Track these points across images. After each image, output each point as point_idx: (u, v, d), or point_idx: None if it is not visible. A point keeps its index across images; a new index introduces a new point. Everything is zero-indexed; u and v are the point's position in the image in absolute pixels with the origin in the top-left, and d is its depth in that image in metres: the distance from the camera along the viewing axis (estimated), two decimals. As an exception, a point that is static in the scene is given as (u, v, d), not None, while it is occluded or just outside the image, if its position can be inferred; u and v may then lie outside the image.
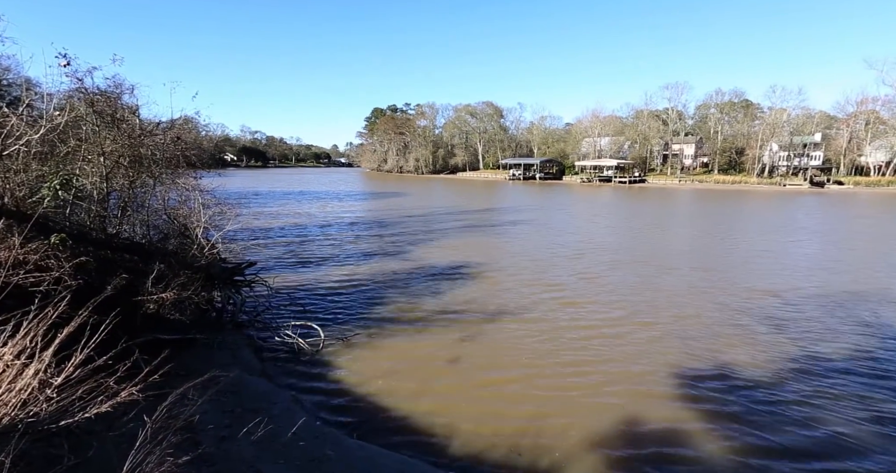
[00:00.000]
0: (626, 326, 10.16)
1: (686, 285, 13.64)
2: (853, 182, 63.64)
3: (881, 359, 8.44)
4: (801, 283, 13.81)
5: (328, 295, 12.37)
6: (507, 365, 8.24)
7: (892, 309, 11.30)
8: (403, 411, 6.63)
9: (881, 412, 6.67)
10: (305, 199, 42.27)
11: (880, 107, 67.60)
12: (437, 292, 12.71)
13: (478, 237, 22.41)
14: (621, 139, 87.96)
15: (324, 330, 9.18)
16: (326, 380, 7.52)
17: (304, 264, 16.06)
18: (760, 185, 67.46)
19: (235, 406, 5.73)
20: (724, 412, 6.66)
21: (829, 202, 44.48)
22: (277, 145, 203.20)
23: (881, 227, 27.59)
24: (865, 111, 68.02)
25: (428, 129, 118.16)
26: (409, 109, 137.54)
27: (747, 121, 78.71)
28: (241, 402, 5.91)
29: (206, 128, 53.07)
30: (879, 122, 66.87)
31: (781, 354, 8.64)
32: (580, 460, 5.59)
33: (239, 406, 5.76)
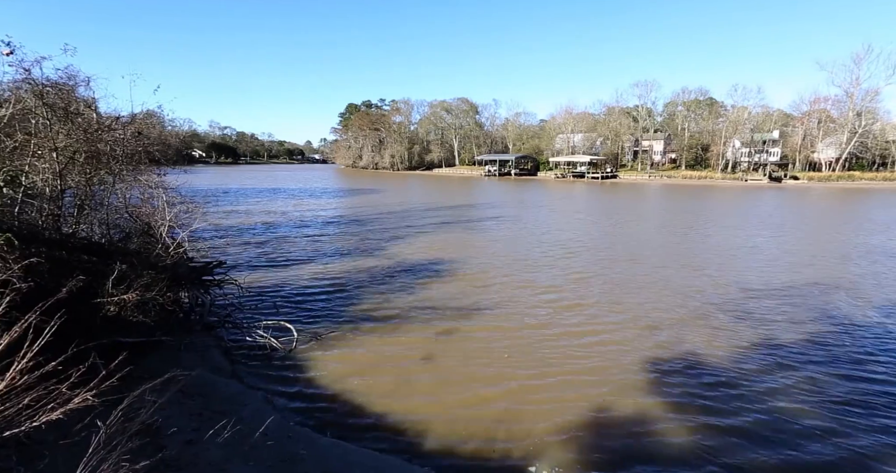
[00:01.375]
0: (599, 319, 10.42)
1: (659, 278, 14.08)
2: (807, 177, 67.18)
3: (831, 344, 8.97)
4: (764, 275, 14.50)
5: (302, 294, 12.16)
6: (482, 360, 8.32)
7: (843, 296, 12.01)
8: (378, 408, 6.61)
9: (829, 395, 7.09)
10: (279, 197, 41.28)
11: (830, 106, 71.61)
12: (413, 289, 12.69)
13: (454, 233, 22.47)
14: (594, 135, 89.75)
15: (297, 329, 9.03)
16: (300, 380, 7.41)
17: (278, 263, 15.72)
18: (724, 180, 70.29)
19: (203, 409, 5.56)
20: (690, 399, 6.94)
21: (786, 196, 46.79)
22: (249, 141, 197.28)
23: (832, 220, 29.24)
24: (818, 110, 71.83)
25: (403, 125, 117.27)
26: (384, 105, 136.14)
27: (712, 119, 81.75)
28: (209, 405, 5.75)
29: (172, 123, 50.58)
30: (830, 121, 70.81)
31: (745, 343, 9.05)
32: (552, 450, 5.72)
33: (207, 408, 5.60)
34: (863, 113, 67.37)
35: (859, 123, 66.84)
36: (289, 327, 9.06)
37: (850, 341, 9.13)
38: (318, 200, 38.82)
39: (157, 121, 21.86)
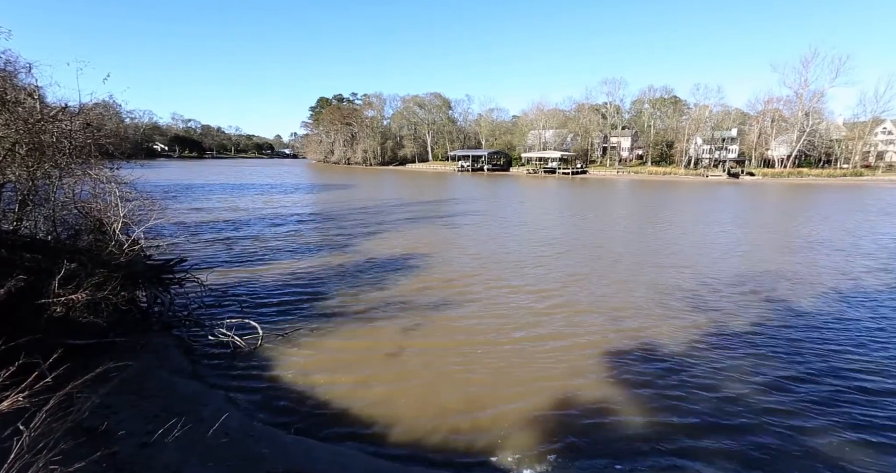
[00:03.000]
0: (564, 310, 10.69)
1: (623, 269, 14.56)
2: (762, 173, 70.83)
3: (774, 330, 9.56)
4: (719, 266, 15.25)
5: (269, 291, 11.91)
6: (449, 352, 8.41)
7: (786, 285, 12.79)
8: (344, 404, 6.59)
9: (770, 377, 7.57)
10: (247, 193, 40.02)
11: (782, 106, 75.71)
12: (383, 284, 12.64)
13: (426, 229, 22.47)
14: (564, 132, 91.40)
15: (263, 327, 8.86)
16: (264, 378, 7.28)
17: (244, 259, 15.29)
18: (687, 176, 73.14)
19: (161, 411, 5.39)
20: (646, 385, 7.25)
21: (743, 192, 49.21)
22: (214, 135, 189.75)
23: (781, 214, 31.02)
24: (771, 109, 75.78)
25: (376, 120, 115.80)
26: (357, 99, 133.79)
27: (676, 117, 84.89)
28: (167, 406, 5.57)
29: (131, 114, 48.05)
30: (782, 120, 74.86)
31: (699, 331, 9.51)
32: (515, 439, 5.87)
33: (164, 410, 5.43)
34: (810, 113, 71.53)
35: (807, 123, 71.02)
36: (254, 325, 8.87)
37: (790, 326, 9.74)
38: (289, 196, 37.90)
39: (114, 113, 20.73)
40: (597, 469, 5.29)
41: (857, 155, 72.23)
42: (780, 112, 75.46)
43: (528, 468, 5.31)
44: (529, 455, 5.52)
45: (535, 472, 5.23)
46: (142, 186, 11.72)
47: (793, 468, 5.32)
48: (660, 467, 5.32)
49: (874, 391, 7.05)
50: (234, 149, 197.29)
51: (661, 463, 5.39)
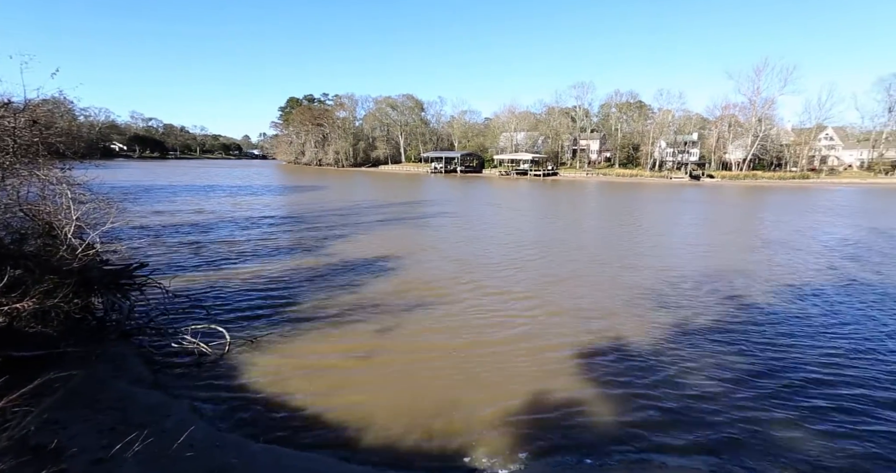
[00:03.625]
0: (536, 311, 10.85)
1: (585, 267, 14.92)
2: (720, 175, 74.46)
3: (733, 325, 10.03)
4: (681, 264, 15.87)
5: (238, 296, 11.51)
6: (422, 354, 8.38)
7: (744, 283, 13.45)
8: (316, 410, 6.44)
9: (730, 371, 7.94)
10: (214, 195, 38.59)
11: (738, 112, 79.95)
12: (356, 286, 12.47)
13: (399, 231, 22.33)
14: (535, 134, 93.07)
15: (231, 332, 8.56)
16: (232, 385, 7.02)
17: (211, 264, 14.72)
18: (652, 178, 75.92)
19: (118, 424, 5.10)
20: (615, 382, 7.45)
21: (704, 193, 51.52)
22: (178, 134, 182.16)
23: (738, 214, 32.66)
24: (728, 115, 79.99)
25: (348, 121, 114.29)
26: (328, 100, 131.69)
27: (641, 121, 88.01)
28: (125, 419, 5.28)
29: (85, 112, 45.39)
30: (738, 125, 79.05)
31: (663, 328, 9.86)
32: (489, 439, 5.90)
33: (122, 423, 5.14)
34: (763, 119, 75.83)
35: (760, 128, 75.23)
36: (221, 331, 8.56)
37: (748, 322, 10.24)
38: (259, 198, 36.82)
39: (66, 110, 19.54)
40: (568, 465, 5.39)
41: (803, 159, 77.04)
42: (735, 118, 79.71)
43: (502, 467, 5.34)
44: (503, 454, 5.56)
45: (508, 472, 5.27)
46: (97, 188, 11.10)
47: (751, 456, 5.58)
48: (628, 461, 5.47)
49: (827, 381, 7.49)
50: (200, 150, 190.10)
51: (630, 457, 5.54)
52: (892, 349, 8.76)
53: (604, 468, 5.33)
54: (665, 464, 5.41)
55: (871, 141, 78.61)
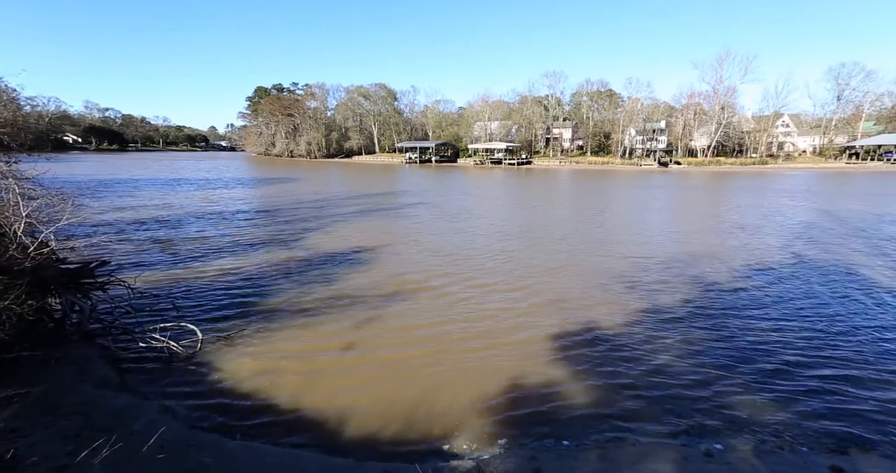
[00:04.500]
0: (513, 297, 10.98)
1: (563, 255, 15.19)
2: (687, 162, 76.93)
3: (704, 307, 10.44)
4: (653, 249, 16.36)
5: (209, 292, 11.15)
6: (400, 344, 8.36)
7: (709, 264, 14.00)
8: (294, 404, 6.35)
9: (697, 348, 8.28)
10: (180, 188, 37.02)
11: (702, 100, 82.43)
12: (332, 279, 12.28)
13: (375, 221, 22.08)
14: (509, 123, 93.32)
15: (202, 330, 8.29)
16: (205, 383, 6.82)
17: (180, 260, 14.17)
18: (623, 165, 77.63)
19: (83, 429, 4.87)
20: (590, 364, 7.65)
21: (671, 179, 53.11)
22: (138, 125, 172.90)
23: (705, 200, 33.88)
24: (693, 104, 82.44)
25: (319, 111, 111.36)
26: (298, 89, 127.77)
27: (612, 109, 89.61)
28: (90, 423, 5.05)
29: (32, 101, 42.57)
30: (702, 113, 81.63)
31: (636, 311, 10.16)
32: (469, 426, 5.96)
33: (88, 428, 4.91)
34: (725, 107, 78.53)
35: (723, 116, 77.95)
36: (192, 328, 8.28)
37: (712, 301, 10.69)
38: (229, 191, 35.56)
39: (8, 99, 18.20)
40: (546, 447, 5.51)
41: (762, 145, 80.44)
42: (700, 106, 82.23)
43: (482, 453, 5.42)
44: (483, 440, 5.63)
45: (488, 456, 5.36)
46: (50, 182, 10.44)
47: (719, 431, 5.85)
48: (604, 440, 5.65)
49: (793, 360, 7.91)
50: (163, 142, 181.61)
51: (605, 436, 5.72)
52: (856, 327, 9.32)
53: (580, 448, 5.48)
54: (638, 442, 5.61)
55: (822, 128, 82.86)
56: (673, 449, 5.44)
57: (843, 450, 5.34)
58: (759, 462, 5.15)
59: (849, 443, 5.49)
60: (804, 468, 5.01)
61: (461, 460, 5.30)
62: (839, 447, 5.40)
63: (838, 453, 5.30)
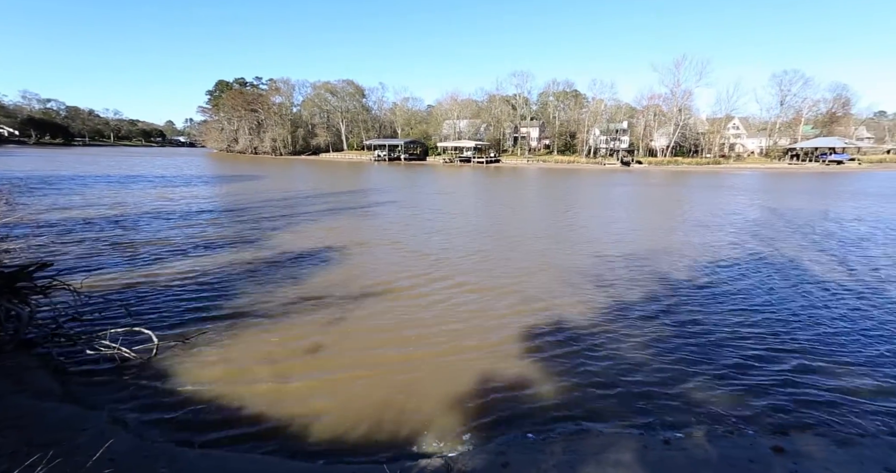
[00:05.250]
0: (482, 293, 11.08)
1: (536, 254, 15.47)
2: (648, 161, 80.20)
3: (660, 298, 10.91)
4: (616, 245, 16.92)
5: (166, 294, 10.60)
6: (370, 344, 8.26)
7: (669, 259, 14.65)
8: (259, 409, 6.15)
9: (659, 340, 8.65)
10: (134, 186, 34.95)
11: (661, 102, 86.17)
12: (299, 279, 11.97)
13: (344, 220, 21.70)
14: (478, 122, 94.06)
15: (158, 335, 7.87)
16: (161, 390, 6.49)
17: (134, 261, 13.39)
18: (588, 164, 79.98)
19: (20, 445, 4.51)
20: (558, 358, 7.83)
21: (633, 178, 55.15)
22: (86, 118, 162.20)
23: (663, 198, 35.40)
24: (653, 105, 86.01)
25: (284, 107, 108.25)
26: (261, 84, 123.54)
27: (577, 109, 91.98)
28: (28, 438, 4.68)
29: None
30: (661, 115, 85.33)
31: (601, 305, 10.48)
32: (439, 422, 5.97)
33: (25, 443, 4.56)
34: (682, 109, 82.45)
35: (680, 118, 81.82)
36: (147, 333, 7.84)
37: (673, 295, 11.18)
38: (188, 189, 33.91)
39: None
40: (514, 442, 5.60)
41: (716, 146, 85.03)
42: (659, 107, 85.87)
43: (451, 450, 5.44)
44: (452, 437, 5.66)
45: (457, 453, 5.38)
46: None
47: (675, 417, 6.13)
48: (568, 432, 5.79)
49: (737, 348, 8.38)
50: (115, 136, 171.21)
51: (570, 429, 5.86)
52: (804, 319, 9.97)
53: (546, 441, 5.60)
54: (601, 432, 5.79)
55: (768, 130, 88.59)
56: (634, 439, 5.65)
57: (784, 432, 5.73)
58: (711, 446, 5.43)
59: (789, 425, 5.90)
60: (750, 449, 5.33)
61: (430, 458, 5.30)
62: (781, 429, 5.79)
63: (780, 434, 5.68)
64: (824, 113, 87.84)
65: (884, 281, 12.31)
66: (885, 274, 13.12)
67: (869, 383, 7.01)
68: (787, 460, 5.16)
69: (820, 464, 5.09)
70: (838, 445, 5.44)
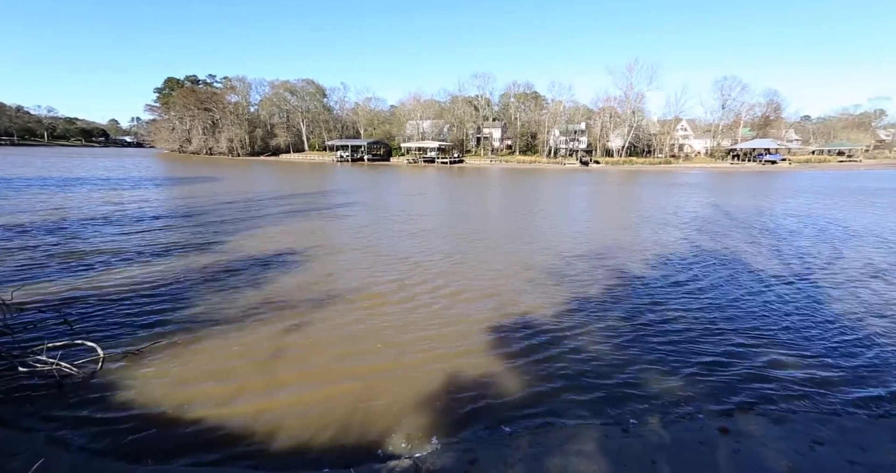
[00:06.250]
0: (444, 293, 11.14)
1: (493, 252, 15.71)
2: (605, 161, 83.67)
3: (617, 292, 11.40)
4: (575, 243, 17.49)
5: (114, 304, 9.94)
6: (333, 349, 8.11)
7: (625, 255, 15.32)
8: (217, 421, 5.90)
9: (617, 333, 9.03)
10: (76, 189, 32.35)
11: (616, 104, 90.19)
12: (259, 284, 11.58)
13: (306, 222, 21.16)
14: (441, 122, 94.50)
15: (105, 347, 7.39)
16: (108, 407, 6.09)
17: (76, 270, 12.45)
18: (549, 164, 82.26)
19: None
20: (522, 354, 8.01)
21: (592, 177, 57.21)
22: (13, 115, 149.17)
23: (620, 196, 36.97)
24: (609, 107, 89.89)
25: (241, 106, 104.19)
26: (216, 82, 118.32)
27: (537, 111, 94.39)
28: (-46, 467, 4.28)
29: None
30: (616, 116, 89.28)
31: (562, 301, 10.81)
32: (407, 423, 5.97)
33: (-50, 472, 4.16)
34: (635, 111, 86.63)
35: (634, 120, 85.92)
36: (91, 345, 7.34)
37: (630, 289, 11.71)
38: (137, 192, 31.86)
39: None
40: (481, 439, 5.69)
41: (666, 147, 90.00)
42: (615, 109, 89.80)
43: (419, 450, 5.45)
44: (419, 439, 5.66)
45: (425, 453, 5.40)
46: None
47: (634, 406, 6.43)
48: (534, 426, 5.95)
49: (690, 335, 8.88)
50: (49, 135, 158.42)
51: (536, 423, 6.02)
52: (749, 307, 10.69)
53: (513, 436, 5.72)
54: (565, 425, 5.98)
55: (712, 132, 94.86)
56: (595, 429, 5.88)
57: (729, 413, 6.16)
58: (665, 431, 5.75)
59: (734, 406, 6.34)
60: (700, 432, 5.69)
61: (398, 460, 5.29)
62: (726, 411, 6.22)
63: (725, 416, 6.10)
64: (759, 116, 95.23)
65: (812, 271, 13.45)
66: (812, 263, 14.35)
67: (800, 363, 7.65)
68: (731, 439, 5.55)
69: (759, 441, 5.51)
70: (774, 422, 5.92)
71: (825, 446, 5.45)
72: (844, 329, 9.16)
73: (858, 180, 51.57)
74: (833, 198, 33.65)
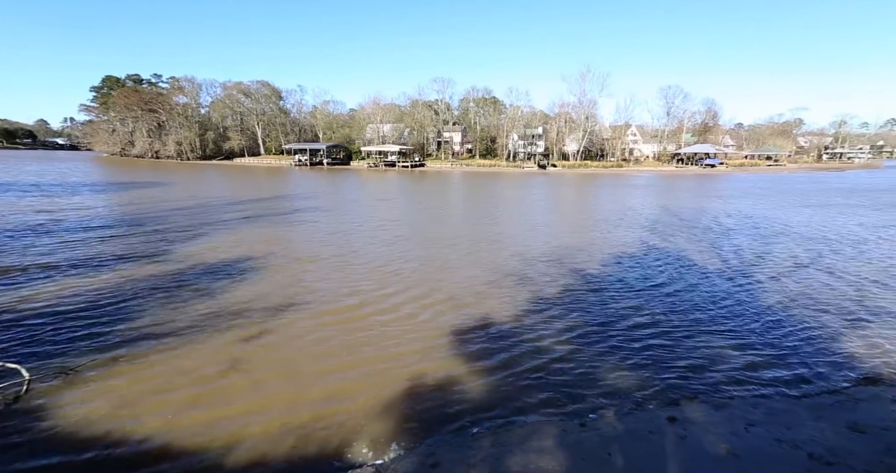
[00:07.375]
0: (409, 296, 11.12)
1: (459, 256, 15.86)
2: (562, 165, 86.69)
3: (576, 291, 11.83)
4: (535, 244, 17.96)
5: (42, 320, 9.17)
6: (292, 357, 7.90)
7: (583, 255, 15.92)
8: (168, 437, 5.59)
9: (577, 331, 9.37)
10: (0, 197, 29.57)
11: (571, 110, 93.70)
12: (210, 294, 11.05)
13: (262, 229, 20.40)
14: (401, 126, 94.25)
15: (30, 368, 6.81)
16: (33, 432, 5.60)
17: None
18: (508, 168, 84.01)
19: None
20: (486, 355, 8.13)
21: (549, 180, 59.03)
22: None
23: (575, 198, 38.39)
24: (564, 113, 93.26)
25: (190, 107, 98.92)
26: (161, 82, 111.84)
27: (496, 115, 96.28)
28: None
29: None
30: (571, 122, 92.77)
31: (523, 302, 11.07)
32: (371, 427, 5.91)
33: None
34: (589, 117, 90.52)
35: (587, 125, 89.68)
36: (13, 367, 6.75)
37: (589, 287, 12.19)
38: (73, 199, 29.39)
39: None
40: (443, 441, 5.72)
41: (618, 151, 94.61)
42: (569, 115, 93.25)
43: (382, 456, 5.42)
44: (382, 445, 5.62)
45: (388, 459, 5.37)
46: None
47: (590, 401, 6.69)
48: (495, 426, 6.06)
49: (642, 331, 9.36)
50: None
51: (497, 422, 6.14)
52: (685, 298, 11.38)
53: (474, 437, 5.80)
54: (525, 422, 6.14)
55: (659, 137, 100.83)
56: (554, 425, 6.07)
57: (676, 402, 6.56)
58: (619, 423, 6.04)
59: (680, 396, 6.76)
60: (650, 422, 6.02)
61: (361, 468, 5.23)
62: (674, 401, 6.61)
63: (673, 405, 6.49)
64: (700, 123, 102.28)
65: (746, 265, 14.57)
66: (747, 259, 15.54)
67: (737, 351, 8.29)
68: (679, 427, 5.91)
69: (702, 427, 5.91)
70: (715, 409, 6.38)
71: (757, 427, 5.93)
72: (775, 317, 10.01)
73: (786, 182, 56.50)
74: (765, 198, 36.63)
